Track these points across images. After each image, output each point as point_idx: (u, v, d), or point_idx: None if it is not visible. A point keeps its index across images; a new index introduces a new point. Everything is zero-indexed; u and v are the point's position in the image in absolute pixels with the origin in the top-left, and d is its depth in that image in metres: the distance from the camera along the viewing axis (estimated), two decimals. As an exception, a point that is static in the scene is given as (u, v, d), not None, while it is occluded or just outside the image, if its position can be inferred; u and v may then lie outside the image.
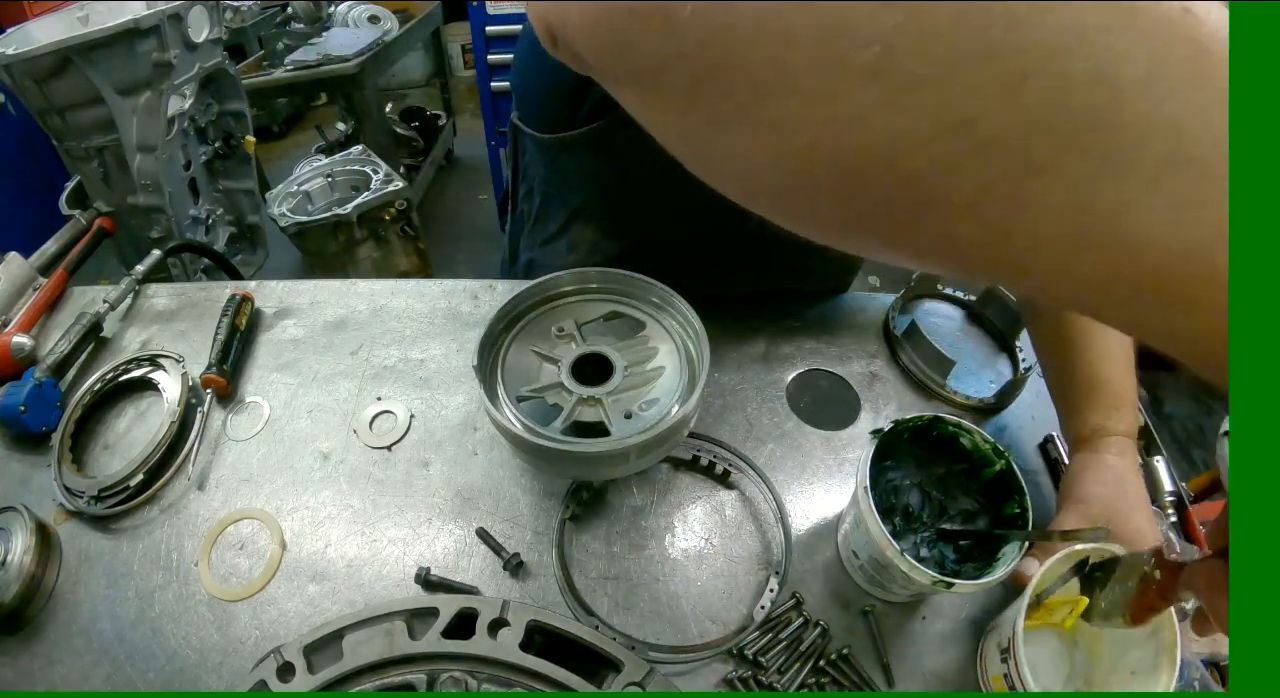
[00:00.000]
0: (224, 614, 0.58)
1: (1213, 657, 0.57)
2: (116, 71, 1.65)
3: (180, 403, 0.70)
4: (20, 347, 0.74)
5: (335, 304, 0.85)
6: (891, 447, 0.60)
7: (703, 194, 0.30)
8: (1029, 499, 0.55)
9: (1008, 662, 0.49)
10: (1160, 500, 0.68)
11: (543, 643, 0.51)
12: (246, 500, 0.65)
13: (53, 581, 0.60)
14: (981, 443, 0.58)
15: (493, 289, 0.87)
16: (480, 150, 2.83)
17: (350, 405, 0.73)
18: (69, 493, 0.64)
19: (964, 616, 0.60)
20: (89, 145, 1.73)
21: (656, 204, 0.72)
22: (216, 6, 1.88)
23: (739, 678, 0.55)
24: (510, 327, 0.67)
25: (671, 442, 0.62)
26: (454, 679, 0.48)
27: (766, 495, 0.66)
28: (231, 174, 2.26)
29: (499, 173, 2.75)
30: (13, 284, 0.83)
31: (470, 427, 0.72)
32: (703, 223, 0.72)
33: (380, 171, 2.23)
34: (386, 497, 0.66)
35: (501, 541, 0.62)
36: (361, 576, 0.60)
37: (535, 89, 0.76)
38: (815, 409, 0.75)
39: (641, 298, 0.69)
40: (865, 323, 0.85)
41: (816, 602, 0.60)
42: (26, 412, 0.67)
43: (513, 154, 0.86)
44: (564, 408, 0.60)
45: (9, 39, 1.61)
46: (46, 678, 0.54)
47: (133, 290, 0.85)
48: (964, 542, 0.57)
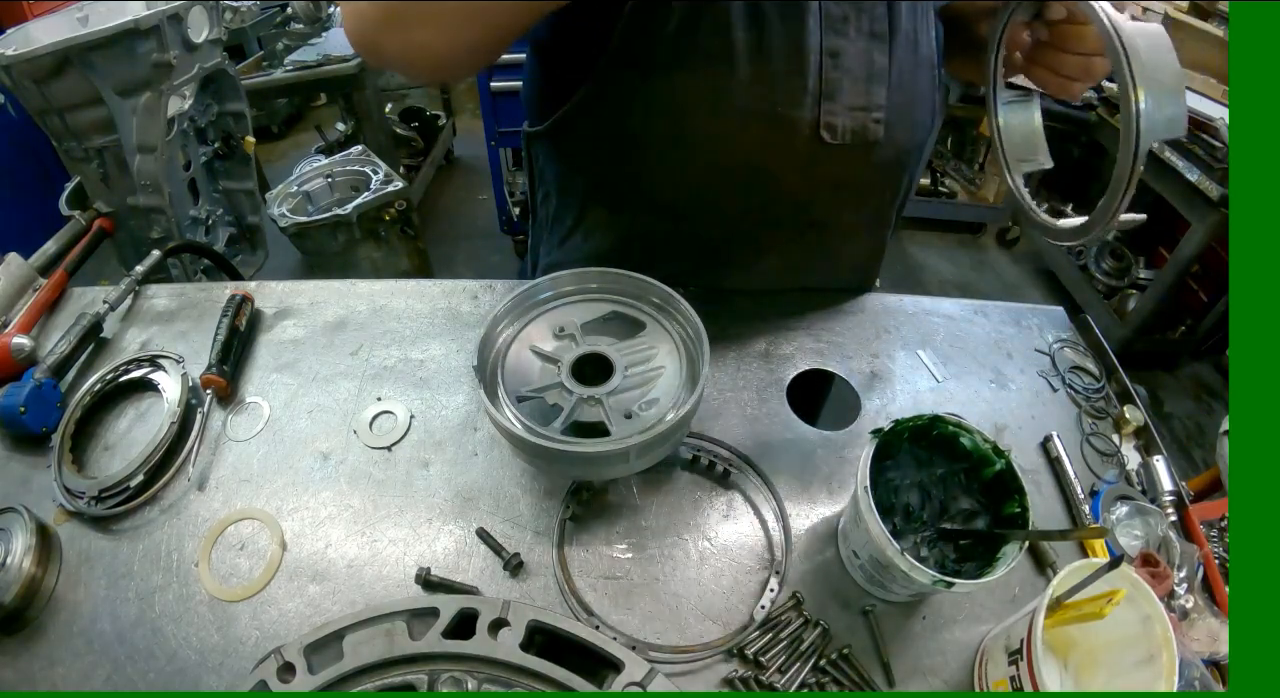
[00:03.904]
0: (224, 615, 0.58)
1: (1213, 657, 0.57)
2: (116, 72, 1.64)
3: (180, 403, 0.70)
4: (20, 347, 0.74)
5: (335, 304, 0.85)
6: (891, 447, 0.60)
7: (704, 158, 0.43)
8: (1029, 499, 0.55)
9: (1018, 664, 0.49)
10: (1160, 500, 0.69)
11: (543, 643, 0.51)
12: (247, 501, 0.65)
13: (53, 581, 0.60)
14: (981, 443, 0.58)
15: (493, 289, 0.87)
16: (480, 150, 2.83)
17: (350, 406, 0.73)
18: (69, 494, 0.64)
19: (964, 616, 0.60)
20: (89, 146, 1.73)
21: (661, 163, 0.73)
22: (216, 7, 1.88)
23: (739, 678, 0.55)
24: (510, 327, 0.67)
25: (671, 442, 0.63)
26: (454, 679, 0.48)
27: (766, 495, 0.66)
28: (231, 174, 2.26)
29: (499, 173, 2.75)
30: (13, 285, 0.83)
31: (470, 427, 0.72)
32: (714, 192, 0.73)
33: (380, 172, 2.23)
34: (386, 497, 0.66)
35: (502, 541, 0.62)
36: (362, 576, 0.60)
37: (535, 86, 0.77)
38: (815, 409, 0.75)
39: (641, 298, 0.69)
40: (865, 323, 0.85)
41: (816, 602, 0.60)
42: (26, 412, 0.67)
43: (528, 165, 0.88)
44: (564, 408, 0.60)
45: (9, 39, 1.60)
46: (47, 679, 0.54)
47: (133, 291, 0.85)
48: (964, 542, 0.57)
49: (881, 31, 0.66)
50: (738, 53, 0.62)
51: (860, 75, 0.66)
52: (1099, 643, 0.54)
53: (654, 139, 0.69)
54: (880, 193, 0.79)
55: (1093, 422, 0.77)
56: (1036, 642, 0.46)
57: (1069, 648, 0.57)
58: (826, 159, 0.69)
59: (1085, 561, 0.51)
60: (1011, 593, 0.62)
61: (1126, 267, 2.73)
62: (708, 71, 0.63)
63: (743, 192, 0.73)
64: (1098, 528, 0.64)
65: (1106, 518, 0.66)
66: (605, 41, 0.63)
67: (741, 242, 0.80)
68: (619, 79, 0.66)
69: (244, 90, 2.16)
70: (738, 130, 0.66)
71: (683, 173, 0.72)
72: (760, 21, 0.62)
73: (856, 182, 0.75)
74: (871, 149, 0.70)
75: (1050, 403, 0.78)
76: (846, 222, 0.80)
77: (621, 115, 0.69)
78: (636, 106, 0.67)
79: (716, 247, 0.80)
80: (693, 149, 0.69)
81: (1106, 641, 0.53)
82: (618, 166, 0.74)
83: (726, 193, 0.73)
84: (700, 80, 0.64)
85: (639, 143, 0.70)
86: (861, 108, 0.68)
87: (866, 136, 0.69)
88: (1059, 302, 1.13)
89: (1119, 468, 0.72)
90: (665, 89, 0.65)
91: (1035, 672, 0.46)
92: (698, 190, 0.73)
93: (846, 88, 0.66)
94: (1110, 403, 0.79)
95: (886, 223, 0.84)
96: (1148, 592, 0.49)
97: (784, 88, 0.65)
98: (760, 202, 0.74)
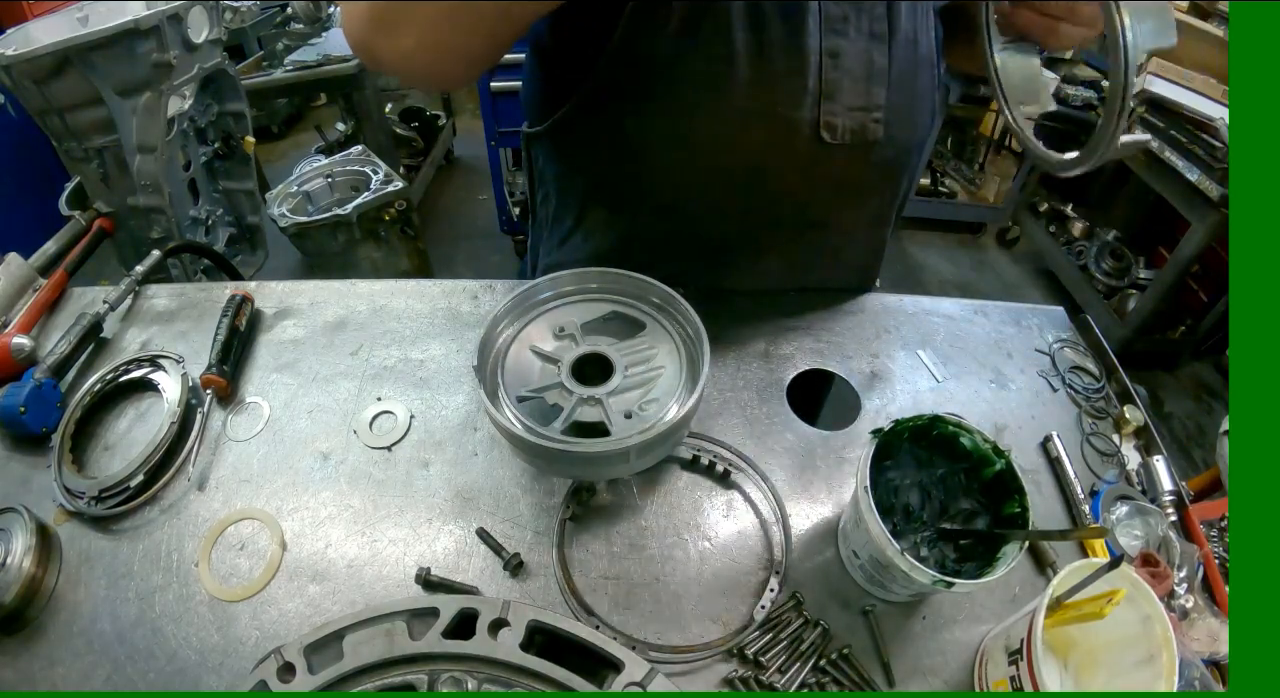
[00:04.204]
0: (224, 615, 0.58)
1: (1212, 657, 0.57)
2: (116, 72, 1.65)
3: (180, 403, 0.70)
4: (20, 347, 0.74)
5: (335, 304, 0.85)
6: (891, 447, 0.60)
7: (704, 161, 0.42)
8: (1029, 499, 0.55)
9: (1018, 664, 0.49)
10: (1160, 500, 0.69)
11: (543, 643, 0.51)
12: (247, 501, 0.65)
13: (53, 581, 0.60)
14: (981, 443, 0.58)
15: (493, 289, 0.87)
16: (480, 150, 2.83)
17: (350, 406, 0.73)
18: (69, 494, 0.64)
19: (964, 616, 0.60)
20: (89, 146, 1.73)
21: (661, 163, 0.72)
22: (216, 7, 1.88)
23: (739, 678, 0.55)
24: (510, 327, 0.67)
25: (671, 441, 0.63)
26: (454, 679, 0.48)
27: (766, 495, 0.66)
28: (231, 175, 2.26)
29: (499, 173, 2.75)
30: (13, 285, 0.83)
31: (470, 427, 0.72)
32: (714, 192, 0.73)
33: (380, 172, 2.23)
34: (386, 497, 0.66)
35: (502, 541, 0.62)
36: (362, 576, 0.60)
37: (534, 86, 0.77)
38: (815, 409, 0.75)
39: (641, 298, 0.69)
40: (865, 323, 0.85)
41: (816, 602, 0.60)
42: (26, 412, 0.67)
43: (528, 165, 0.88)
44: (564, 408, 0.60)
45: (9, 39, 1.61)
46: (47, 679, 0.54)
47: (133, 291, 0.85)
48: (964, 542, 0.57)
49: (881, 32, 0.66)
50: (738, 53, 0.62)
51: (860, 75, 0.66)
52: (1099, 643, 0.54)
53: (654, 139, 0.69)
54: (880, 192, 0.79)
55: (1093, 422, 0.77)
56: (1036, 642, 0.46)
57: (1069, 648, 0.57)
58: (826, 159, 0.69)
59: (1085, 561, 0.51)
60: (1011, 593, 0.62)
61: (1126, 267, 2.73)
62: (708, 72, 0.63)
63: (743, 191, 0.73)
64: (1098, 528, 0.64)
65: (1106, 518, 0.66)
66: (605, 41, 0.63)
67: (742, 241, 0.80)
68: (619, 79, 0.66)
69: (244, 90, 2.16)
70: (738, 130, 0.66)
71: (682, 173, 0.72)
72: (760, 22, 0.62)
73: (856, 181, 0.75)
74: (871, 149, 0.70)
75: (1050, 403, 0.78)
76: (847, 221, 0.80)
77: (621, 115, 0.68)
78: (636, 107, 0.67)
79: (717, 247, 0.80)
80: (693, 149, 0.69)
81: (1106, 641, 0.53)
82: (617, 167, 0.74)
83: (726, 193, 0.73)
84: (700, 80, 0.64)
85: (639, 143, 0.70)
86: (861, 108, 0.68)
87: (866, 136, 0.69)
88: (1059, 302, 1.13)
89: (1119, 468, 0.72)
90: (665, 89, 0.65)
91: (1035, 672, 0.46)
92: (698, 190, 0.73)
93: (846, 88, 0.66)
94: (1110, 403, 0.79)
95: (886, 222, 0.84)
96: (1148, 592, 0.49)
97: (784, 88, 0.65)
98: (760, 201, 0.74)
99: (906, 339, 0.84)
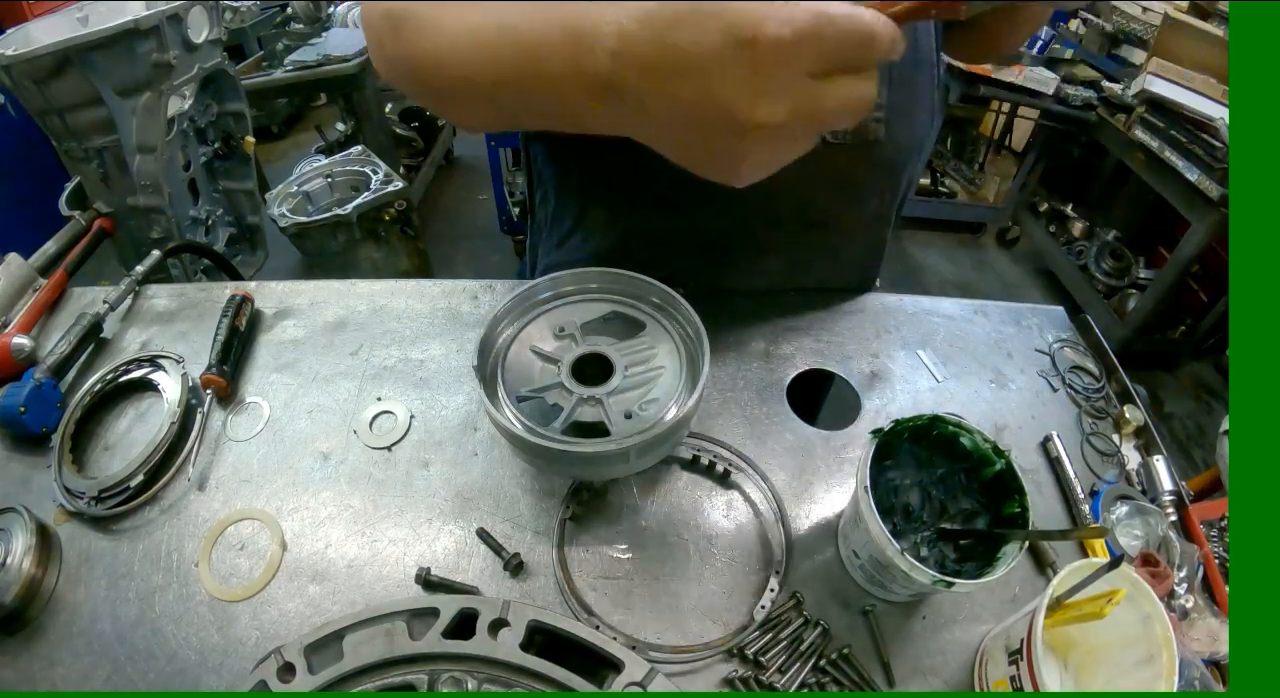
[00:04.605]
0: (224, 615, 0.58)
1: (1213, 657, 0.57)
2: (116, 72, 1.65)
3: (180, 404, 0.70)
4: (20, 348, 0.74)
5: (335, 304, 0.85)
6: (891, 446, 0.60)
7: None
8: (1029, 499, 0.55)
9: (1018, 664, 0.49)
10: (1160, 500, 0.69)
11: (543, 643, 0.51)
12: (247, 501, 0.65)
13: (53, 582, 0.60)
14: (981, 443, 0.58)
15: (493, 289, 0.87)
16: (480, 150, 2.83)
17: (350, 406, 0.73)
18: (69, 494, 0.64)
19: (964, 616, 0.60)
20: (89, 146, 1.73)
21: (660, 162, 0.72)
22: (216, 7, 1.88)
23: (739, 678, 0.55)
24: (510, 327, 0.67)
25: (671, 442, 0.63)
26: (454, 680, 0.48)
27: (766, 495, 0.66)
28: (231, 175, 2.26)
29: (499, 173, 2.75)
30: (13, 285, 0.83)
31: (470, 427, 0.72)
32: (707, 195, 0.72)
33: (380, 172, 2.23)
34: (386, 497, 0.66)
35: (501, 541, 0.62)
36: (362, 576, 0.60)
37: None
38: (815, 409, 0.75)
39: (641, 298, 0.69)
40: (865, 323, 0.85)
41: (816, 602, 0.60)
42: (26, 413, 0.67)
43: (526, 165, 0.88)
44: (564, 408, 0.60)
45: (9, 39, 1.61)
46: (47, 679, 0.54)
47: (132, 291, 0.85)
48: (964, 542, 0.57)
49: None
50: None
51: None
52: (1099, 643, 0.54)
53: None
54: (880, 191, 0.79)
55: (1093, 422, 0.77)
56: (1036, 642, 0.46)
57: (1069, 648, 0.57)
58: (827, 158, 0.69)
59: (1085, 561, 0.51)
60: (1011, 593, 0.62)
61: (1126, 267, 2.73)
62: None
63: (742, 191, 0.73)
64: (1098, 528, 0.64)
65: (1106, 518, 0.66)
66: None
67: (742, 241, 0.80)
68: None
69: (244, 90, 2.16)
70: None
71: (682, 172, 0.72)
72: None
73: (857, 180, 0.75)
74: (871, 148, 0.70)
75: (1050, 403, 0.78)
76: (847, 220, 0.80)
77: None
78: None
79: (717, 245, 0.80)
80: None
81: (1106, 641, 0.53)
82: (616, 166, 0.74)
83: (726, 192, 0.73)
84: None
85: (638, 143, 0.70)
86: None
87: (866, 136, 0.69)
88: (1059, 302, 1.13)
89: (1119, 468, 0.72)
90: None
91: (1035, 672, 0.46)
92: (697, 190, 0.73)
93: None
94: (1110, 403, 0.79)
95: (887, 221, 0.84)
96: (1148, 592, 0.49)
97: None
98: (760, 201, 0.74)
99: (906, 339, 0.84)
